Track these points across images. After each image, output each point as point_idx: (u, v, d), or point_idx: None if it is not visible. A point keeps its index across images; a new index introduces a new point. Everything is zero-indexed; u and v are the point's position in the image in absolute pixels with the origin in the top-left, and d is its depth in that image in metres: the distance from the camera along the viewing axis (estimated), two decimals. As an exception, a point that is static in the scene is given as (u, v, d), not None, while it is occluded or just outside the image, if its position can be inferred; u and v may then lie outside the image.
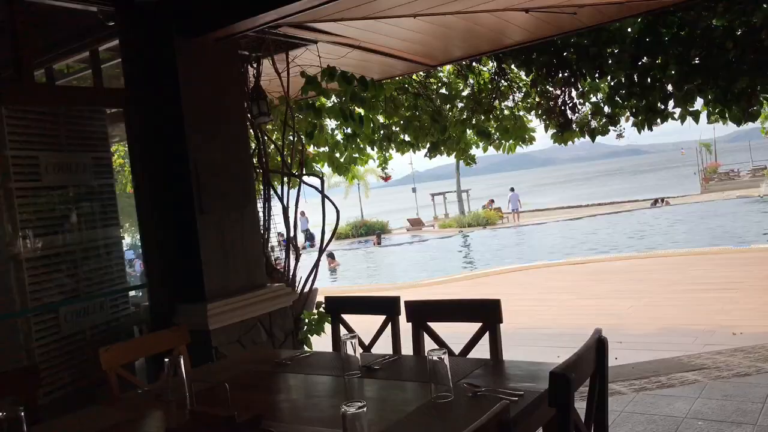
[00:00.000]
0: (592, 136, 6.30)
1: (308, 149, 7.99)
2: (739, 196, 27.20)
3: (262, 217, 4.84)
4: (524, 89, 6.81)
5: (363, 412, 1.63)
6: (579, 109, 6.41)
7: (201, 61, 3.99)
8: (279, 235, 19.58)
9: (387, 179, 8.82)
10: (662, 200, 31.21)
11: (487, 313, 3.03)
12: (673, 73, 5.69)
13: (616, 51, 5.84)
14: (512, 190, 33.64)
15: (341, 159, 8.33)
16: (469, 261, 18.84)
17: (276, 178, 5.19)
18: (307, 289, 5.06)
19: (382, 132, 7.72)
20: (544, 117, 6.61)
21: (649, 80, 5.78)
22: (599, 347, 2.01)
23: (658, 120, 5.85)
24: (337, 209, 5.19)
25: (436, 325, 3.19)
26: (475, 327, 3.08)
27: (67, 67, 4.93)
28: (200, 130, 3.93)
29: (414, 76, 7.51)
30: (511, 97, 6.87)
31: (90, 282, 4.19)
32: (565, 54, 6.13)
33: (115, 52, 4.24)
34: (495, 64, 6.75)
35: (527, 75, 6.54)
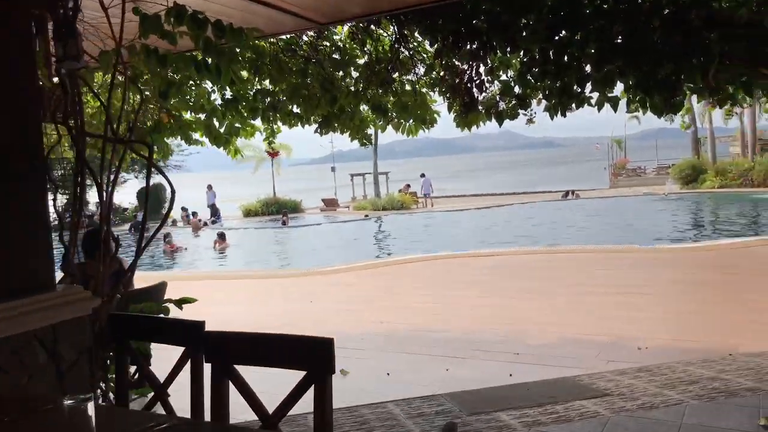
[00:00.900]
0: (500, 119, 5.50)
1: (165, 112, 6.83)
2: (645, 193, 27.78)
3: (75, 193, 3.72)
4: (428, 61, 5.92)
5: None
6: (487, 88, 5.59)
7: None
8: (183, 210, 18.12)
9: (274, 155, 7.74)
10: (573, 193, 31.58)
11: (314, 359, 2.09)
12: (593, 51, 4.94)
13: (531, 21, 5.03)
14: (423, 175, 33.24)
15: (221, 129, 7.23)
16: (377, 247, 17.99)
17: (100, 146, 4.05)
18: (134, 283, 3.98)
19: (267, 100, 6.64)
20: (448, 95, 5.75)
21: (566, 58, 5.00)
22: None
23: (573, 105, 5.10)
24: (173, 189, 4.09)
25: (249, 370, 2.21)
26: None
27: None
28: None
29: (305, 37, 6.47)
30: (413, 70, 5.97)
31: None
32: (474, 22, 5.27)
33: None
34: (396, 29, 5.83)
35: (432, 45, 5.65)
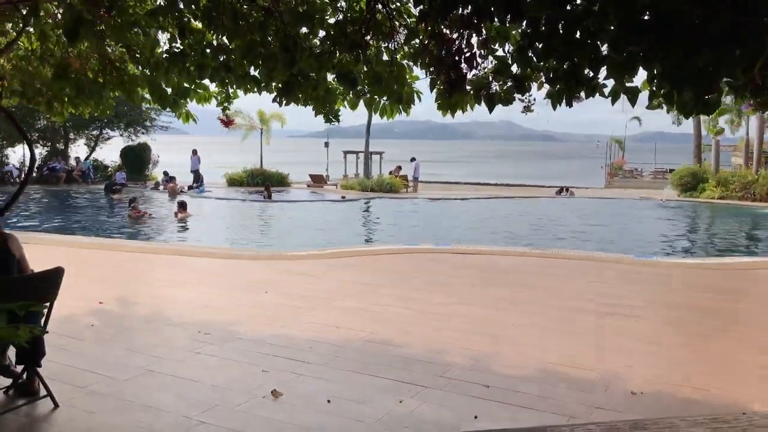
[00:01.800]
0: (490, 104, 4.47)
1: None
2: (642, 197, 26.84)
3: None
4: (411, 26, 4.87)
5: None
6: (478, 64, 4.54)
7: None
8: (164, 174, 17.11)
9: (228, 124, 6.72)
10: (567, 189, 30.64)
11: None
12: (613, 28, 3.90)
13: (541, -17, 3.98)
14: (413, 159, 32.25)
15: (167, 87, 6.17)
16: (353, 232, 16.92)
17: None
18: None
19: (222, 59, 5.58)
20: (431, 69, 4.70)
21: (578, 33, 3.96)
22: None
23: (581, 93, 4.09)
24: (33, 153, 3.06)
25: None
26: None
27: None
28: None
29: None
30: (392, 36, 4.91)
31: None
32: (470, -20, 4.22)
33: None
34: (376, -18, 4.77)
35: (416, 5, 4.59)
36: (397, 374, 5.07)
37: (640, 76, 4.15)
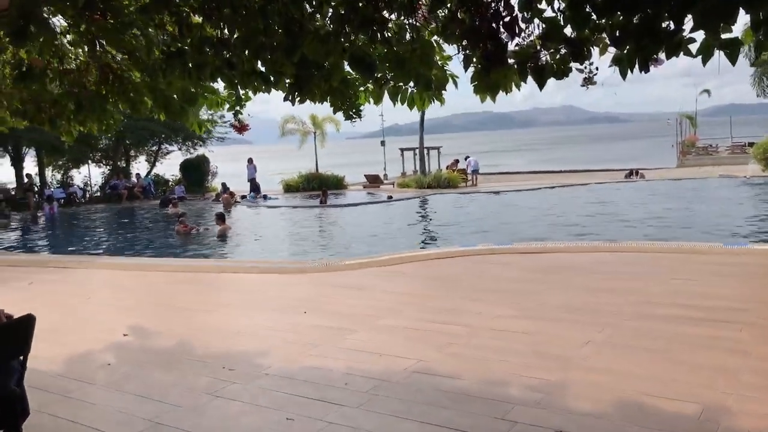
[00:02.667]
0: (540, 78, 3.52)
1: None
2: (722, 175, 24.80)
3: None
4: (436, -7, 3.97)
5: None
6: (521, 30, 3.59)
7: None
8: (222, 186, 16.66)
9: (241, 130, 5.97)
10: (637, 172, 28.81)
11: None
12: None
13: None
14: (467, 158, 31.17)
15: (171, 95, 5.47)
16: (405, 234, 15.96)
17: None
18: None
19: (227, 55, 4.81)
20: (464, 43, 3.78)
21: (651, -25, 2.98)
22: None
23: (661, 53, 3.08)
24: None
25: None
26: None
27: None
28: None
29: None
30: (415, 7, 4.01)
31: None
32: None
33: None
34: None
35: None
36: (447, 418, 4.17)
37: (739, 25, 3.14)
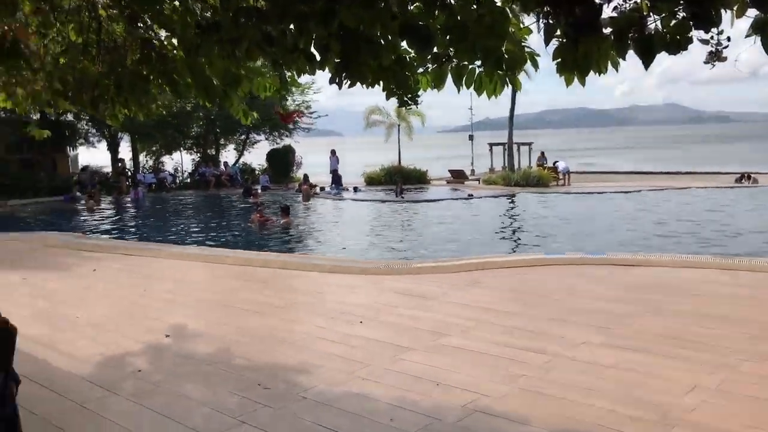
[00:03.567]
0: (647, 53, 2.59)
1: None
2: None
3: None
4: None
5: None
6: (623, -11, 2.68)
7: None
8: (304, 177, 16.37)
9: (287, 118, 5.28)
10: (748, 176, 26.27)
11: None
12: None
13: None
14: (555, 162, 29.47)
15: (210, 74, 4.87)
16: (486, 236, 14.91)
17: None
18: None
19: (267, 29, 4.14)
20: (545, 9, 2.91)
21: None
22: None
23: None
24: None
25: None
26: None
27: None
28: None
29: None
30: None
31: None
32: None
33: None
34: None
35: None
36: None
37: None
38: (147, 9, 4.74)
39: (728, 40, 2.57)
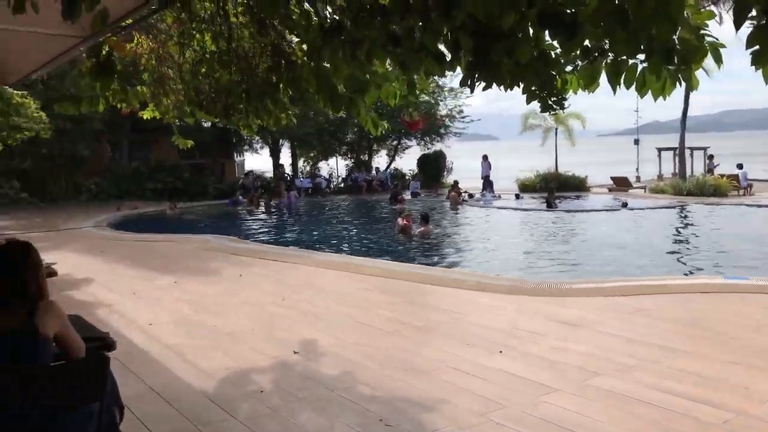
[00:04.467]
0: None
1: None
2: None
3: None
4: None
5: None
6: None
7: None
8: (454, 183, 16.16)
9: (414, 126, 4.80)
10: None
11: None
12: None
13: None
14: (740, 166, 26.04)
15: (335, 79, 4.53)
16: (651, 254, 13.36)
17: None
18: None
19: (393, 28, 3.70)
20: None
21: None
22: None
23: None
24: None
25: None
26: None
27: None
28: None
29: None
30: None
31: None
32: None
33: None
34: None
35: None
36: None
37: None
38: (273, 12, 4.50)
39: None
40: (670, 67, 2.71)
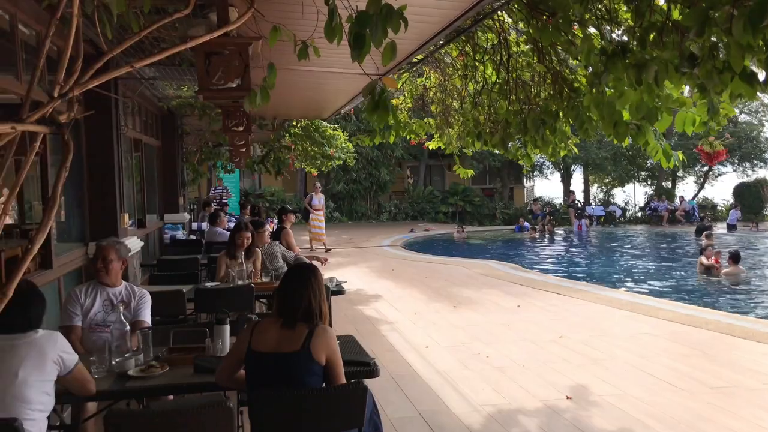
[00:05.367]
0: None
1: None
2: None
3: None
4: None
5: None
6: None
7: None
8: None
9: (713, 158, 4.16)
10: None
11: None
12: None
13: None
14: None
15: (620, 107, 4.13)
16: None
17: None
18: None
19: (691, 47, 3.24)
20: None
21: None
22: None
23: None
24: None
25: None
26: None
27: None
28: None
29: None
30: None
31: None
32: None
33: None
34: None
35: None
36: None
37: None
38: (556, 38, 4.28)
39: None
40: None
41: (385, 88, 3.08)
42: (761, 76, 3.02)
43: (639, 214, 31.01)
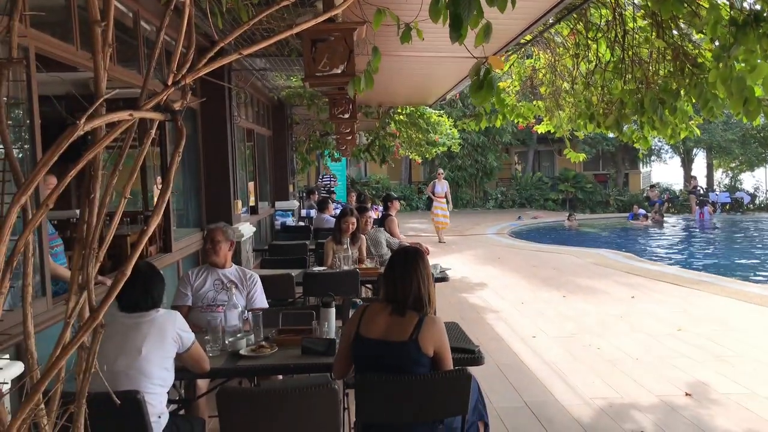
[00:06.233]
0: None
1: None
2: None
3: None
4: None
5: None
6: None
7: None
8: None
9: None
10: None
11: None
12: None
13: None
14: None
15: (751, 82, 3.78)
16: None
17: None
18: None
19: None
20: None
21: None
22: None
23: None
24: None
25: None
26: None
27: None
28: None
29: None
30: None
31: None
32: None
33: None
34: None
35: None
36: None
37: None
38: (678, 10, 3.98)
39: None
40: None
41: (490, 68, 2.98)
42: None
43: (770, 200, 28.65)
